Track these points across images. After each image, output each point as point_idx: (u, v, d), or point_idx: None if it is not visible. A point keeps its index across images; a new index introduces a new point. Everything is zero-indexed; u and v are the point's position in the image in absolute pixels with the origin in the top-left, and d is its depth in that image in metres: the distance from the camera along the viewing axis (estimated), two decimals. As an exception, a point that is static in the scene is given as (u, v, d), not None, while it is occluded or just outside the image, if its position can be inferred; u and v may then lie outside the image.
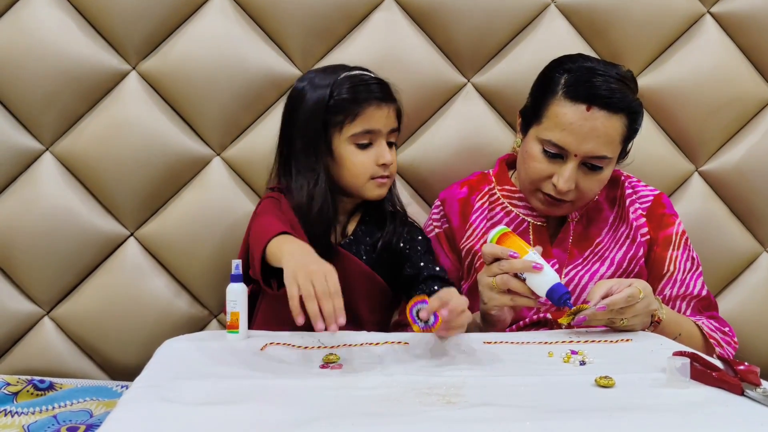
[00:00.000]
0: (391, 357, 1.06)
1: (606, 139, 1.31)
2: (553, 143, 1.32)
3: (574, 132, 1.30)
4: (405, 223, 1.44)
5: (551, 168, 1.34)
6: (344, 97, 1.34)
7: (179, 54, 1.61)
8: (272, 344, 1.11)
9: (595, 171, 1.34)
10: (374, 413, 0.82)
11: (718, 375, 0.94)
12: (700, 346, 1.34)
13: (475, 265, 1.44)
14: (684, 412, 0.84)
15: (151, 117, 1.61)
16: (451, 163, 1.66)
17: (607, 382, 0.93)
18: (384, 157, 1.35)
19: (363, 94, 1.34)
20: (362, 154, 1.35)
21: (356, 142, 1.35)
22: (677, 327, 1.31)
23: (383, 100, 1.36)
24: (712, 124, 1.72)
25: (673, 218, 1.46)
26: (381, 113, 1.35)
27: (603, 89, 1.30)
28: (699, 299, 1.43)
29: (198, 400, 0.86)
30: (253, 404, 0.85)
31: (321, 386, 0.92)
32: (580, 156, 1.32)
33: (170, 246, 1.62)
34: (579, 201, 1.38)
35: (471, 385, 0.92)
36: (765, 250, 1.78)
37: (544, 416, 0.82)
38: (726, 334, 1.41)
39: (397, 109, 1.39)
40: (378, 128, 1.35)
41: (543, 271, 1.18)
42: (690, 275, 1.43)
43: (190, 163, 1.63)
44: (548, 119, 1.33)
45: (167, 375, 0.96)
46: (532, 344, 1.15)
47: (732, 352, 1.40)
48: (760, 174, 1.73)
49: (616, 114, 1.31)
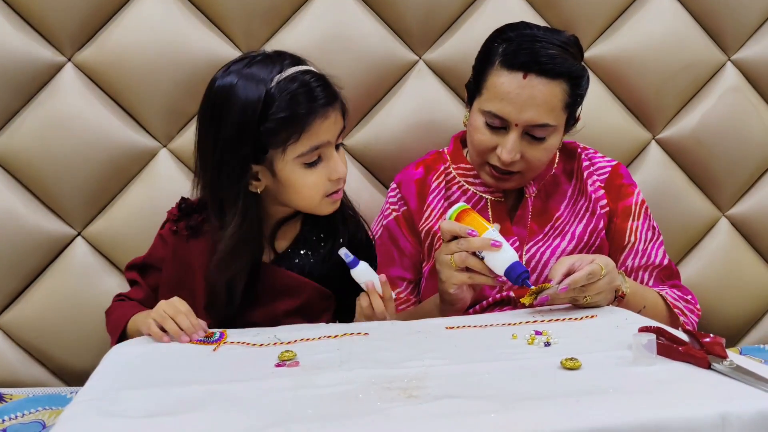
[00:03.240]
0: (351, 349, 1.01)
1: (546, 107, 1.27)
2: (493, 114, 1.29)
3: (512, 101, 1.27)
4: (357, 226, 1.32)
5: (495, 139, 1.31)
6: (282, 116, 1.12)
7: (117, 42, 1.53)
8: (225, 343, 1.06)
9: (538, 140, 1.30)
10: (331, 414, 0.78)
11: (684, 349, 0.91)
12: (664, 317, 1.32)
13: (435, 246, 1.40)
14: (652, 392, 0.81)
15: (91, 110, 1.53)
16: (405, 143, 1.62)
17: (573, 364, 0.89)
18: (337, 171, 1.19)
19: (305, 106, 1.13)
20: (312, 173, 1.17)
21: (304, 162, 1.16)
22: (642, 300, 1.28)
23: (328, 104, 1.16)
24: (668, 91, 1.71)
25: (631, 188, 1.43)
26: (328, 122, 1.16)
27: (540, 56, 1.26)
28: (661, 269, 1.41)
29: (145, 412, 0.81)
30: (203, 412, 0.80)
31: (277, 387, 0.87)
32: (521, 125, 1.28)
33: (120, 244, 1.56)
34: (528, 172, 1.34)
35: (433, 375, 0.88)
36: (723, 215, 1.78)
37: (509, 406, 0.78)
38: (689, 302, 1.40)
39: (343, 106, 1.21)
40: (327, 140, 1.17)
41: (501, 250, 1.15)
42: (651, 245, 1.41)
43: (136, 156, 1.56)
44: (488, 90, 1.30)
45: (112, 386, 0.90)
46: (496, 326, 1.11)
47: (695, 320, 1.39)
48: (717, 139, 1.73)
49: (554, 80, 1.27)
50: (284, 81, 1.14)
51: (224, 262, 1.18)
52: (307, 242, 1.29)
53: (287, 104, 1.13)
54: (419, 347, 1.02)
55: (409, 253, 1.43)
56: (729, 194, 1.77)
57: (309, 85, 1.15)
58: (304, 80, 1.15)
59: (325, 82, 1.18)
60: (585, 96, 1.35)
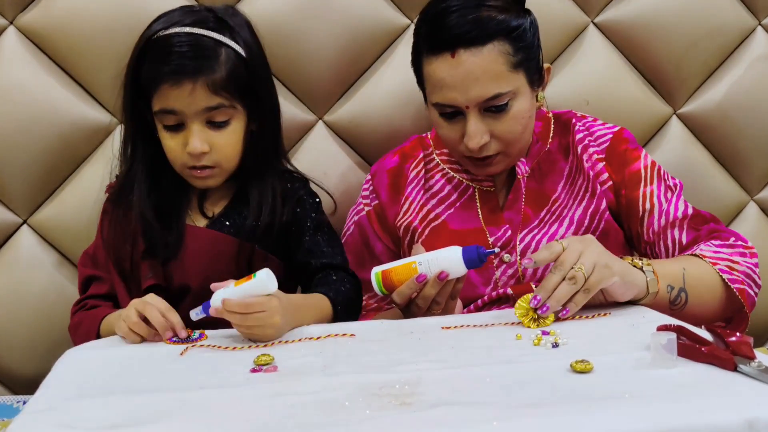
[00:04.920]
0: (335, 352, 1.02)
1: (489, 77, 1.28)
2: (442, 104, 1.31)
3: (451, 85, 1.28)
4: (296, 200, 1.37)
5: (457, 129, 1.33)
6: (145, 68, 1.26)
7: (65, 3, 1.52)
8: (194, 346, 1.07)
9: (501, 112, 1.31)
10: (314, 424, 0.78)
11: (707, 350, 0.93)
12: (712, 279, 1.29)
13: (415, 243, 1.40)
14: (673, 398, 0.82)
15: (36, 81, 1.53)
16: (396, 119, 1.63)
17: (584, 366, 0.91)
18: (189, 145, 1.26)
19: (157, 67, 1.24)
20: (170, 138, 1.28)
21: (162, 123, 1.28)
22: (676, 265, 1.26)
23: (181, 73, 1.23)
24: (690, 59, 1.71)
25: (637, 152, 1.42)
26: (180, 92, 1.23)
27: (458, 28, 1.27)
28: (689, 218, 1.37)
29: (105, 423, 0.81)
30: (171, 423, 0.81)
31: (252, 395, 0.88)
32: (473, 106, 1.29)
33: (71, 233, 1.57)
34: (508, 148, 1.35)
35: (428, 380, 0.90)
36: (752, 199, 1.80)
37: (513, 413, 0.79)
38: (734, 246, 1.34)
39: (219, 80, 1.24)
40: (179, 109, 1.25)
41: (446, 257, 1.18)
42: (669, 203, 1.38)
43: (89, 133, 1.56)
44: (428, 82, 1.33)
45: (68, 393, 0.91)
46: (497, 326, 1.13)
47: (751, 263, 1.33)
48: (745, 113, 1.74)
49: (485, 45, 1.27)
50: (161, 37, 1.26)
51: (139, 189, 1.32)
52: (239, 208, 1.35)
53: (150, 59, 1.25)
54: (412, 349, 1.02)
55: (379, 253, 1.45)
56: (758, 176, 1.79)
57: (170, 49, 1.24)
58: (171, 42, 1.25)
59: (198, 53, 1.24)
60: (537, 42, 1.34)
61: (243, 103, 1.29)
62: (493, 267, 1.38)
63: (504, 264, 1.38)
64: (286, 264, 1.36)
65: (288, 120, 1.51)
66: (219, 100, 1.25)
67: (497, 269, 1.38)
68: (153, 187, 1.33)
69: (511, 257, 1.38)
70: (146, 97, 1.27)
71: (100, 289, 1.34)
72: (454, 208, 1.43)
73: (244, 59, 1.28)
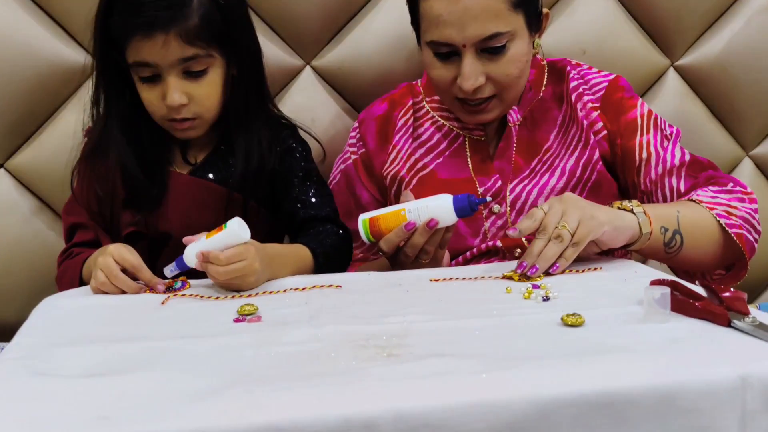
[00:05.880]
0: (321, 303, 1.02)
1: (488, 15, 1.26)
2: (437, 43, 1.30)
3: (449, 22, 1.26)
4: (285, 148, 1.36)
5: (452, 70, 1.31)
6: (114, 17, 1.22)
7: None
8: (175, 295, 1.06)
9: (498, 53, 1.29)
10: (299, 375, 0.78)
11: (701, 305, 0.93)
12: (709, 223, 1.27)
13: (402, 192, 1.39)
14: (665, 351, 0.82)
15: (11, 18, 1.50)
16: (387, 64, 1.60)
17: (576, 320, 0.90)
18: (167, 97, 1.24)
19: (126, 17, 1.21)
20: (147, 90, 1.26)
21: (138, 75, 1.26)
22: (670, 209, 1.25)
23: (152, 26, 1.20)
24: (690, 10, 1.70)
25: (633, 100, 1.40)
26: (152, 44, 1.21)
27: None
28: (687, 165, 1.36)
29: (84, 371, 0.80)
30: (151, 372, 0.80)
31: (236, 345, 0.87)
32: (470, 45, 1.27)
33: (49, 177, 1.56)
34: (503, 93, 1.33)
35: (416, 332, 0.89)
36: (747, 155, 1.80)
37: (502, 365, 0.79)
38: (732, 191, 1.33)
39: (192, 29, 1.21)
40: (153, 61, 1.23)
41: (436, 205, 1.18)
42: (665, 151, 1.37)
43: (66, 74, 1.54)
44: (423, 20, 1.31)
45: (45, 341, 0.90)
46: (487, 279, 1.12)
47: (750, 208, 1.32)
48: (744, 67, 1.73)
49: None
50: None
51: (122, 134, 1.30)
52: (224, 156, 1.34)
53: (119, 10, 1.22)
54: (400, 301, 1.02)
55: (365, 202, 1.44)
56: (755, 131, 1.79)
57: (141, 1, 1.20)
58: None
59: (168, 1, 1.20)
60: None
61: (220, 50, 1.26)
62: (482, 218, 1.37)
63: (493, 215, 1.37)
64: (273, 214, 1.34)
65: (274, 65, 1.49)
66: (194, 50, 1.23)
67: (486, 220, 1.37)
68: (132, 139, 1.31)
69: (501, 208, 1.37)
70: (119, 48, 1.24)
71: (85, 236, 1.33)
72: (443, 157, 1.41)
73: (217, 2, 1.24)
